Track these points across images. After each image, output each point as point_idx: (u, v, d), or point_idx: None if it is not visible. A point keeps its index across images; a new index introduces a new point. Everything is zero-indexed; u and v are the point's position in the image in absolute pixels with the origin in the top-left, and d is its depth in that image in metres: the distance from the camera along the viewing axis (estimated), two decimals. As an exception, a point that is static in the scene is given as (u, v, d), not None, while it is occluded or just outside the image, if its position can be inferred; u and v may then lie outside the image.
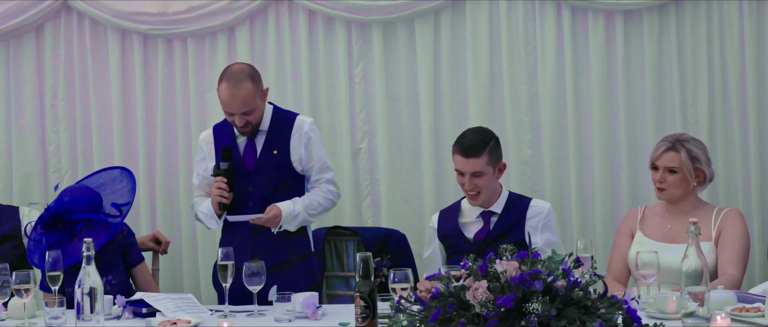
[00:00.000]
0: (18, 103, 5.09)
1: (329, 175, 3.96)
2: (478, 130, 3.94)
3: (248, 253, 3.84)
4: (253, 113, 3.80)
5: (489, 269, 2.56)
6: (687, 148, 3.68)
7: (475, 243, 3.84)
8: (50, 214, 3.74)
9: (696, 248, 2.86)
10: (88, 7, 4.96)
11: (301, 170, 3.92)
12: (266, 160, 3.89)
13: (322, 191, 3.93)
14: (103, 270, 3.80)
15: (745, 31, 4.71)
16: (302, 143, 3.90)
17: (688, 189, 3.71)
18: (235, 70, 3.82)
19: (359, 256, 2.89)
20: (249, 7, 4.91)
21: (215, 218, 3.88)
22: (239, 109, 3.76)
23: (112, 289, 3.79)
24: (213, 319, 3.36)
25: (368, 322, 2.84)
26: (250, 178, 3.88)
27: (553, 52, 4.80)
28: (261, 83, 3.86)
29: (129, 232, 3.97)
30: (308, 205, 3.88)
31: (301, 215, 3.86)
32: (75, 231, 3.72)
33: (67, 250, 3.65)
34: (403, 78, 4.92)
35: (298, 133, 3.91)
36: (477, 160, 3.76)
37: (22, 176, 5.09)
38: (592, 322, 2.47)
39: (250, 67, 3.87)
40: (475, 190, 3.80)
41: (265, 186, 3.88)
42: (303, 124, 3.93)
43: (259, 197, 3.87)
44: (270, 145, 3.89)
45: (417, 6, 4.82)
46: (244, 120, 3.79)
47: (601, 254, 4.49)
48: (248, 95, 3.76)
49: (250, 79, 3.79)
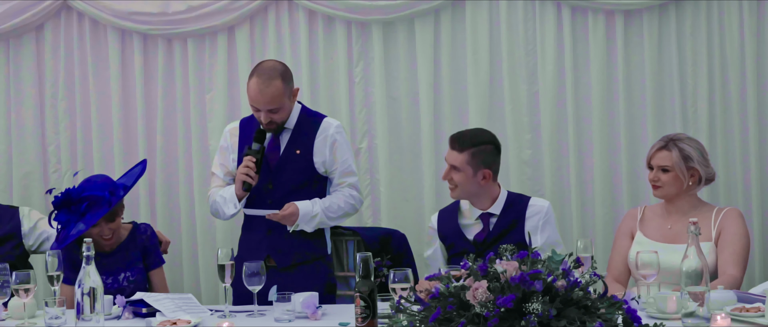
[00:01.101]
0: (18, 103, 5.09)
1: (352, 180, 3.93)
2: (476, 130, 3.96)
3: (263, 252, 3.84)
4: (279, 112, 3.78)
5: (489, 269, 2.56)
6: (680, 147, 3.71)
7: (475, 244, 3.85)
8: (63, 195, 3.80)
9: (696, 248, 2.86)
10: (88, 7, 4.96)
11: (324, 172, 3.90)
12: (288, 158, 3.87)
13: (343, 195, 3.90)
14: (122, 266, 3.87)
15: (745, 31, 4.71)
16: (327, 145, 3.88)
17: (682, 188, 3.72)
18: (268, 66, 3.81)
19: (359, 256, 2.90)
20: (249, 7, 4.91)
21: (234, 201, 3.81)
22: (266, 106, 3.74)
23: (129, 285, 3.87)
24: (213, 319, 3.36)
25: (368, 322, 2.84)
26: (270, 174, 3.86)
27: (553, 52, 4.79)
28: (292, 83, 3.85)
29: (152, 234, 4.03)
30: (327, 207, 3.85)
31: (319, 217, 3.83)
32: (81, 209, 3.77)
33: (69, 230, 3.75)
34: (403, 78, 4.91)
35: (324, 135, 3.88)
36: (457, 154, 3.82)
37: (22, 176, 5.08)
38: (592, 322, 2.47)
39: (282, 66, 3.85)
40: (450, 183, 3.87)
41: (285, 184, 3.86)
42: (329, 126, 3.91)
43: (277, 195, 3.85)
44: (293, 144, 3.87)
45: (417, 6, 4.82)
46: (269, 117, 3.77)
47: (601, 254, 4.49)
48: (277, 93, 3.74)
49: (281, 77, 3.77)
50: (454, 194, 3.89)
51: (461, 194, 3.88)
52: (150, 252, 3.98)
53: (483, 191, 3.86)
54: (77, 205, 3.80)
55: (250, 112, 3.87)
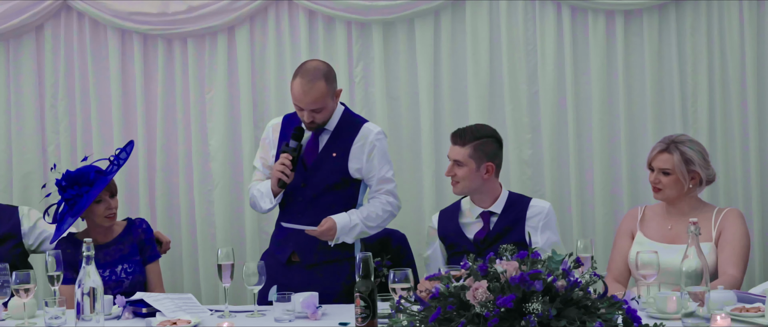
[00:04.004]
0: (18, 103, 5.08)
1: (390, 187, 3.92)
2: (478, 125, 3.97)
3: (289, 248, 3.88)
4: (322, 112, 3.80)
5: (489, 269, 2.56)
6: (681, 150, 3.71)
7: (475, 243, 3.85)
8: (67, 172, 3.90)
9: (696, 248, 2.86)
10: (88, 7, 4.96)
11: (359, 177, 3.91)
12: (324, 159, 3.88)
13: (380, 202, 3.90)
14: (120, 259, 3.89)
15: (745, 31, 4.71)
16: (365, 152, 3.88)
17: (683, 190, 3.73)
18: (311, 67, 3.83)
19: (359, 256, 2.90)
20: (249, 7, 4.90)
21: (270, 197, 3.85)
22: (309, 106, 3.77)
23: (127, 276, 3.89)
24: (213, 319, 3.36)
25: (368, 322, 2.85)
26: (305, 173, 3.88)
27: (553, 52, 4.79)
28: (335, 84, 3.86)
29: (147, 228, 4.07)
30: (367, 217, 3.86)
31: (359, 227, 3.84)
32: (90, 178, 3.87)
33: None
34: (403, 78, 4.91)
35: (362, 141, 3.88)
36: (459, 149, 3.83)
37: (22, 176, 5.08)
38: (592, 322, 2.47)
39: (326, 66, 3.87)
40: (453, 179, 3.88)
41: (317, 185, 3.87)
42: (369, 133, 3.90)
43: (309, 194, 3.87)
44: (331, 146, 3.88)
45: (417, 6, 4.82)
46: (312, 117, 3.79)
47: (601, 254, 4.49)
48: (319, 94, 3.76)
49: (325, 78, 3.78)
50: (457, 190, 3.89)
51: (464, 189, 3.88)
52: (146, 245, 4.01)
53: (485, 187, 3.87)
54: (85, 175, 3.87)
55: (251, 114, 3.89)
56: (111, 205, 3.93)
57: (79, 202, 3.83)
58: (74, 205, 3.84)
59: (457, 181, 3.87)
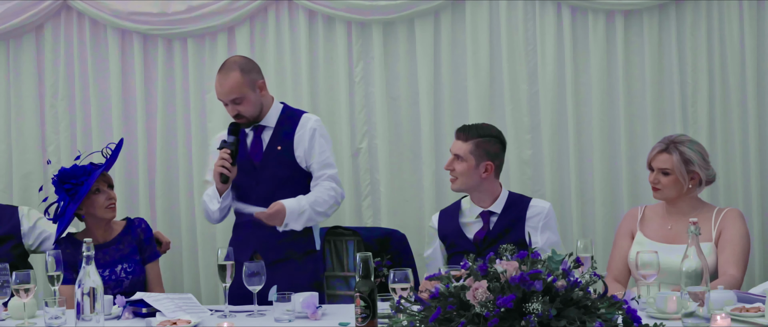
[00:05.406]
0: (18, 103, 5.09)
1: (331, 172, 3.95)
2: (485, 124, 3.98)
3: (250, 247, 3.86)
4: (243, 103, 3.85)
5: (489, 269, 2.56)
6: (680, 150, 3.71)
7: (475, 243, 3.85)
8: (63, 169, 3.90)
9: (696, 248, 2.86)
10: (88, 7, 4.96)
11: (305, 166, 3.93)
12: (271, 155, 3.91)
13: (324, 188, 3.92)
14: (120, 258, 3.89)
15: (745, 31, 4.71)
16: (306, 138, 3.92)
17: (682, 190, 3.73)
18: (228, 61, 3.93)
19: (359, 256, 2.89)
20: (249, 7, 4.91)
21: (216, 196, 3.87)
22: (226, 97, 3.84)
23: (126, 276, 3.89)
24: (213, 319, 3.36)
25: (368, 322, 2.84)
26: (255, 172, 3.91)
27: (553, 52, 4.80)
28: (254, 75, 3.89)
29: (147, 228, 4.07)
30: (314, 201, 3.88)
31: (307, 212, 3.86)
32: (88, 168, 3.88)
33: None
34: (403, 78, 4.91)
35: (303, 129, 3.94)
36: (461, 144, 3.84)
37: (22, 176, 5.08)
38: (592, 322, 2.47)
39: (243, 59, 3.94)
40: (452, 174, 3.88)
41: (269, 181, 3.90)
42: (308, 120, 3.97)
43: (262, 192, 3.89)
44: (275, 141, 3.92)
45: (417, 6, 4.82)
46: (235, 110, 3.85)
47: (601, 254, 4.49)
48: (235, 84, 3.82)
49: (239, 68, 3.85)
50: (455, 185, 3.90)
51: (461, 186, 3.88)
52: (145, 245, 4.01)
53: (483, 186, 3.87)
54: (81, 168, 3.89)
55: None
56: (110, 195, 3.94)
57: (79, 191, 3.84)
58: (75, 195, 3.85)
59: (455, 177, 3.87)
